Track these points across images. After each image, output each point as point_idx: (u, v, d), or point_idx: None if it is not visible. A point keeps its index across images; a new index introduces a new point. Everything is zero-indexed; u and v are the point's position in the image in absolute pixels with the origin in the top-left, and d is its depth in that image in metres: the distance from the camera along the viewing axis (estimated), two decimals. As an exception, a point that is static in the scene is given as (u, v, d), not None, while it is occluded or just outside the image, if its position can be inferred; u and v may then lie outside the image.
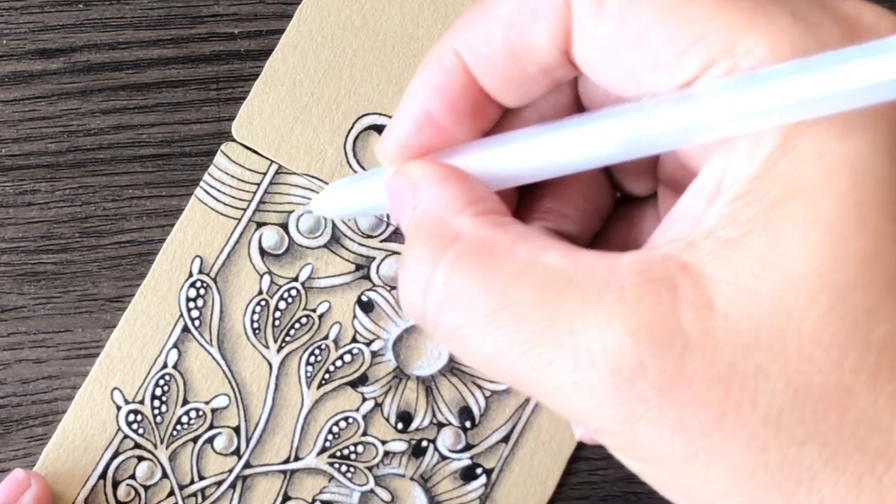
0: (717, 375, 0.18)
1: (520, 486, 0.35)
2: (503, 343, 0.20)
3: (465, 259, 0.21)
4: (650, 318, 0.19)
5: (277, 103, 0.35)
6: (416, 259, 0.22)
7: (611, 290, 0.19)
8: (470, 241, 0.21)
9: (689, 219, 0.20)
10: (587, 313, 0.19)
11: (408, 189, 0.24)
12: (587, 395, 0.19)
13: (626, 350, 0.19)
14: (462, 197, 0.22)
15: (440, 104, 0.24)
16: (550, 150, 0.22)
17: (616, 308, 0.19)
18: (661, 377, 0.19)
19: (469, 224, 0.22)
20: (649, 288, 0.19)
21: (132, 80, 0.36)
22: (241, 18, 0.36)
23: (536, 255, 0.20)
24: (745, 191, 0.19)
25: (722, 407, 0.19)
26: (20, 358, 0.35)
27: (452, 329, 0.21)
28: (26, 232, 0.35)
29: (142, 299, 0.35)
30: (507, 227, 0.21)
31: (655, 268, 0.19)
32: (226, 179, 0.35)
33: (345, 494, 0.35)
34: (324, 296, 0.35)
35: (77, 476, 0.34)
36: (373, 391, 0.35)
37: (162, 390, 0.35)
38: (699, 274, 0.19)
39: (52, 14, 0.36)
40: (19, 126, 0.35)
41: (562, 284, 0.20)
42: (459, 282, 0.21)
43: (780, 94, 0.18)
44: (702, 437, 0.19)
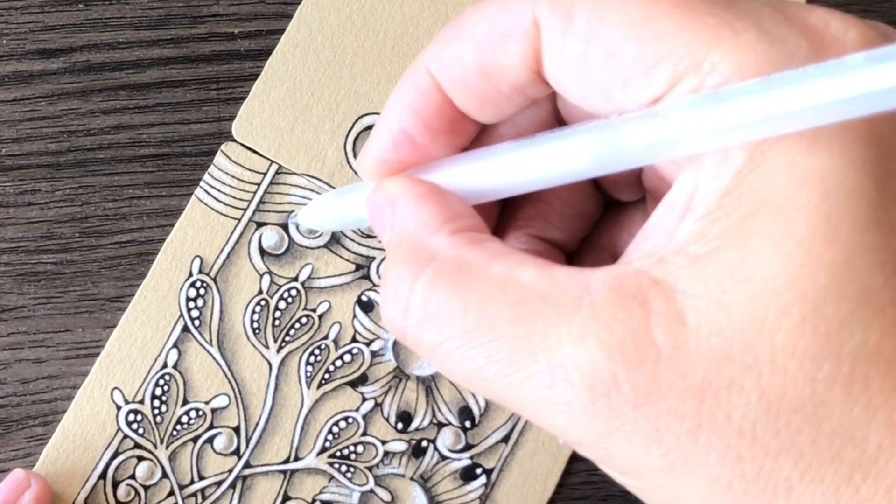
0: (690, 388, 0.19)
1: (520, 486, 0.35)
2: (481, 360, 0.20)
3: (441, 278, 0.21)
4: (623, 333, 0.19)
5: (277, 103, 0.35)
6: (396, 278, 0.22)
7: (583, 306, 0.19)
8: (446, 260, 0.22)
9: (662, 233, 0.20)
10: (561, 329, 0.19)
11: (386, 206, 0.24)
12: (564, 410, 0.20)
13: (599, 365, 0.19)
14: (438, 215, 0.23)
15: (416, 123, 0.24)
16: (522, 165, 0.23)
17: (589, 324, 0.19)
18: (634, 391, 0.19)
19: (445, 243, 0.22)
20: (621, 303, 0.19)
21: (132, 80, 0.36)
22: (241, 18, 0.36)
23: (511, 273, 0.21)
24: (714, 206, 0.19)
25: (696, 419, 0.19)
26: (20, 358, 0.35)
27: (432, 346, 0.21)
28: (26, 232, 0.35)
29: (142, 299, 0.35)
30: (482, 244, 0.22)
31: (627, 283, 0.20)
32: (226, 179, 0.35)
33: (345, 494, 0.35)
34: (324, 296, 0.35)
35: (77, 476, 0.34)
36: (373, 391, 0.35)
37: (162, 390, 0.35)
38: (670, 289, 0.19)
39: (52, 14, 0.36)
40: (19, 126, 0.35)
41: (536, 301, 0.20)
42: (437, 300, 0.21)
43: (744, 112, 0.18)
44: (677, 448, 0.19)
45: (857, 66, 0.17)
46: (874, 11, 0.38)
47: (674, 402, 0.19)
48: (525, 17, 0.22)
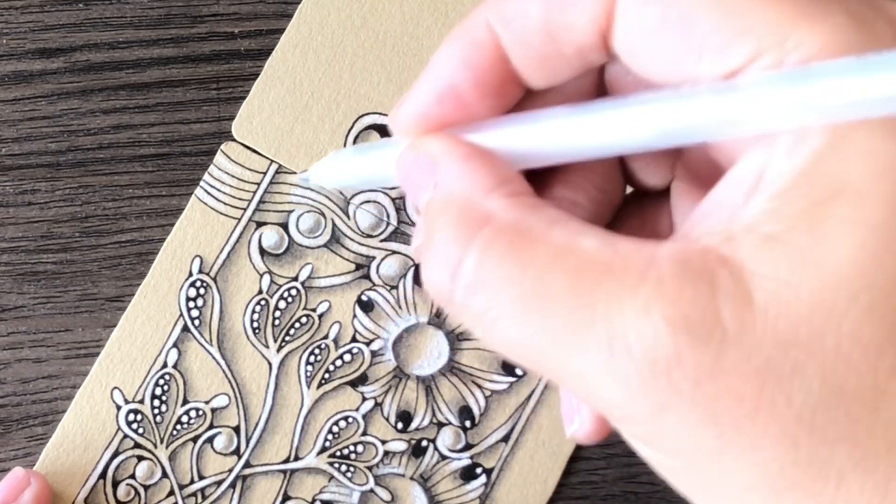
0: (753, 370, 0.18)
1: (520, 486, 0.35)
2: (535, 328, 0.20)
3: (498, 242, 0.20)
4: (689, 310, 0.19)
5: (277, 103, 0.35)
6: (445, 240, 0.21)
7: (649, 280, 0.19)
8: (503, 224, 0.21)
9: (725, 211, 0.20)
10: (625, 301, 0.19)
11: (426, 165, 0.23)
12: (620, 384, 0.19)
13: (663, 340, 0.19)
14: (490, 177, 0.22)
15: (467, 78, 0.23)
16: (582, 131, 0.22)
17: (655, 298, 0.19)
18: (697, 369, 0.19)
19: (501, 206, 0.21)
20: (689, 279, 0.19)
21: (132, 79, 0.36)
22: (241, 18, 0.36)
23: (573, 240, 0.20)
24: (789, 187, 0.19)
25: (756, 402, 0.18)
26: (20, 357, 0.35)
27: (481, 312, 0.21)
28: (26, 231, 0.35)
29: (142, 299, 0.35)
30: (540, 209, 0.21)
31: (695, 259, 0.19)
32: (226, 179, 0.35)
33: (345, 494, 0.35)
34: (324, 295, 0.35)
35: (77, 475, 0.34)
36: (373, 391, 0.35)
37: (162, 390, 0.35)
38: (739, 268, 0.19)
39: (52, 14, 0.36)
40: (19, 125, 0.35)
41: (599, 271, 0.19)
42: (492, 265, 0.20)
43: (831, 92, 0.18)
44: (733, 431, 0.19)
45: None
46: (874, 11, 0.38)
47: (736, 383, 0.18)
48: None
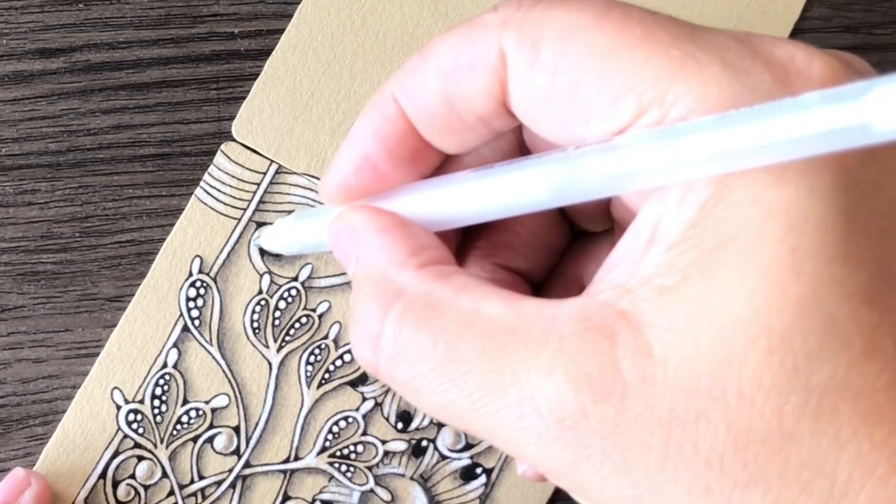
0: (657, 420, 0.19)
1: (520, 486, 0.35)
2: (453, 394, 0.21)
3: (410, 314, 0.22)
4: (590, 366, 0.19)
5: (277, 103, 0.35)
6: (364, 315, 0.22)
7: (551, 340, 0.20)
8: (414, 296, 0.22)
9: (627, 264, 0.20)
10: (529, 363, 0.20)
11: (349, 237, 0.24)
12: (534, 441, 0.20)
13: (567, 398, 0.19)
14: (403, 248, 0.23)
15: (379, 149, 0.24)
16: (481, 194, 0.23)
17: (557, 357, 0.19)
18: (602, 423, 0.19)
19: (411, 278, 0.22)
20: (588, 336, 0.19)
21: (132, 79, 0.36)
22: (241, 18, 0.36)
23: (479, 307, 0.21)
24: (680, 238, 0.19)
25: (663, 451, 0.19)
26: (20, 357, 0.35)
27: (405, 382, 0.22)
28: (26, 231, 0.35)
29: (142, 299, 0.35)
30: (449, 278, 0.22)
31: (594, 315, 0.20)
32: (226, 179, 0.35)
33: (345, 494, 0.35)
34: (324, 295, 0.35)
35: (77, 476, 0.34)
36: (373, 391, 0.35)
37: (162, 390, 0.35)
38: (637, 321, 0.19)
39: (52, 13, 0.36)
40: (19, 126, 0.35)
41: (504, 335, 0.20)
42: (407, 336, 0.21)
43: (700, 147, 0.18)
44: (645, 479, 0.19)
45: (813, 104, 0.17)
46: (874, 11, 0.38)
47: (641, 434, 0.19)
48: (491, 48, 0.21)
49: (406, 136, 0.24)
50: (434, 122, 0.23)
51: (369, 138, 0.24)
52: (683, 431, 0.19)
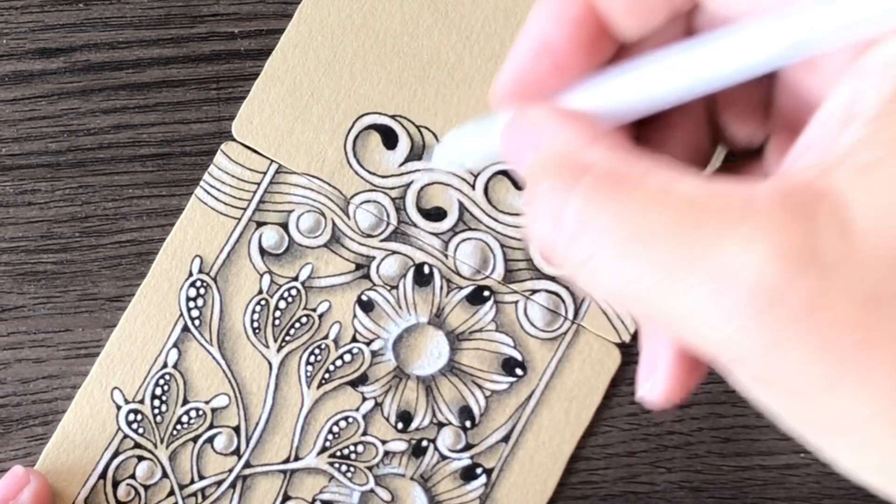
0: (860, 297, 0.18)
1: (520, 486, 0.35)
2: (639, 271, 0.20)
3: (598, 188, 0.21)
4: (791, 242, 0.18)
5: (277, 103, 0.35)
6: (548, 190, 0.21)
7: (749, 216, 0.19)
8: (602, 172, 0.21)
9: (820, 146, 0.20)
10: (725, 238, 0.19)
11: (528, 132, 0.23)
12: (727, 320, 0.19)
13: (767, 273, 0.18)
14: (587, 132, 0.22)
15: (560, 33, 0.24)
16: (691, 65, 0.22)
17: (757, 232, 0.19)
18: (804, 300, 0.18)
19: (600, 155, 0.21)
20: (788, 213, 0.19)
21: (132, 79, 0.36)
22: (241, 18, 0.36)
23: (671, 184, 0.20)
24: (880, 113, 0.19)
25: (867, 329, 0.18)
26: (20, 357, 0.35)
27: (585, 259, 0.21)
28: (26, 231, 0.35)
29: (142, 299, 0.35)
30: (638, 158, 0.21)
31: (793, 194, 0.19)
32: (226, 179, 0.35)
33: (345, 494, 0.35)
34: (324, 295, 0.35)
35: (77, 475, 0.34)
36: (373, 391, 0.35)
37: (162, 390, 0.35)
38: (838, 198, 0.19)
39: (52, 14, 0.36)
40: (19, 125, 0.35)
41: (698, 211, 0.20)
42: (593, 211, 0.21)
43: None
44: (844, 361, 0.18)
45: None
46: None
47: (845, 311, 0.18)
48: None
49: (587, 18, 0.23)
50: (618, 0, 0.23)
51: (549, 22, 0.24)
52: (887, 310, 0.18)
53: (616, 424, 0.35)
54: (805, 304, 0.18)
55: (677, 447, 0.35)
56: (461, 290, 0.35)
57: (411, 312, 0.35)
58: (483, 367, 0.35)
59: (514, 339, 0.35)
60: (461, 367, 0.35)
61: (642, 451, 0.35)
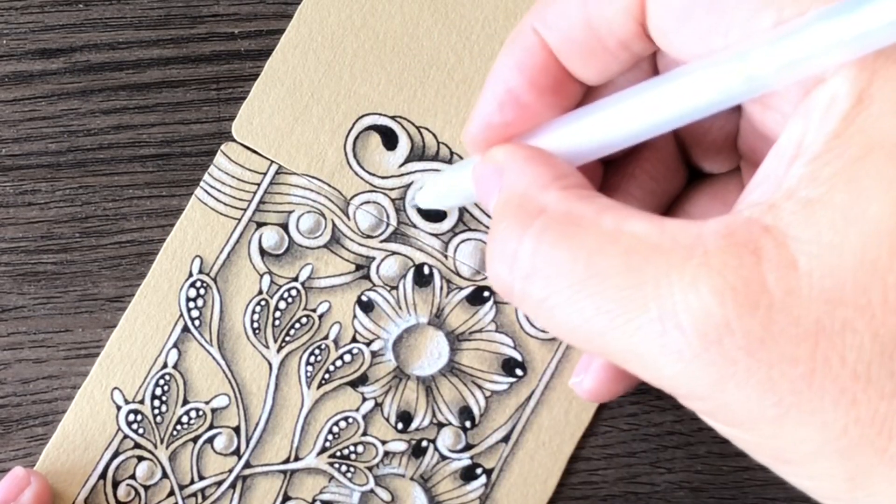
0: (803, 332, 0.18)
1: (520, 486, 0.35)
2: (591, 312, 0.20)
3: (551, 230, 0.21)
4: (735, 280, 0.19)
5: (277, 103, 0.35)
6: (504, 233, 0.22)
7: (696, 255, 0.19)
8: (556, 214, 0.21)
9: (771, 182, 0.20)
10: (673, 277, 0.19)
11: (493, 173, 0.24)
12: (675, 359, 0.19)
13: (712, 311, 0.19)
14: (547, 174, 0.23)
15: (522, 81, 0.24)
16: (642, 110, 0.22)
17: (701, 271, 0.19)
18: (748, 337, 0.19)
19: (554, 198, 0.22)
20: (733, 251, 0.19)
21: (132, 80, 0.36)
22: (241, 18, 0.36)
23: (622, 224, 0.21)
24: (823, 150, 0.19)
25: (810, 363, 0.18)
26: (20, 358, 0.35)
27: (540, 300, 0.21)
28: (26, 232, 0.35)
29: (142, 299, 0.35)
30: (591, 199, 0.22)
31: (739, 231, 0.19)
32: (226, 179, 0.35)
33: (345, 494, 0.35)
34: (324, 296, 0.35)
35: (77, 476, 0.34)
36: (373, 391, 0.35)
37: (162, 390, 0.35)
38: (782, 235, 0.19)
39: (52, 14, 0.36)
40: (19, 126, 0.35)
41: (647, 251, 0.20)
42: (546, 253, 0.21)
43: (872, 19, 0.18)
44: (791, 395, 0.19)
45: None
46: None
47: (787, 347, 0.18)
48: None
49: (548, 66, 0.24)
50: (576, 49, 0.23)
51: (511, 71, 0.24)
52: (830, 343, 0.18)
53: (616, 425, 0.35)
54: (749, 342, 0.19)
55: (677, 447, 0.35)
56: (461, 291, 0.35)
57: (411, 313, 0.35)
58: (483, 367, 0.35)
59: (514, 340, 0.35)
60: (461, 368, 0.35)
61: (642, 452, 0.35)
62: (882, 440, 0.19)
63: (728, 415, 0.20)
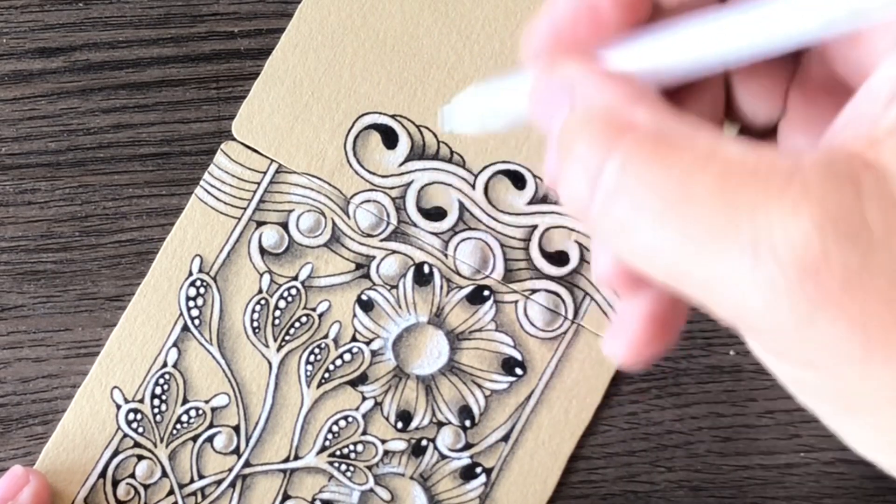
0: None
1: (519, 486, 0.35)
2: (678, 236, 0.19)
3: (642, 147, 0.20)
4: (836, 211, 0.18)
5: (277, 102, 0.35)
6: (586, 148, 0.20)
7: (795, 183, 0.18)
8: (647, 130, 0.20)
9: (865, 120, 0.19)
10: (770, 204, 0.18)
11: (561, 89, 0.22)
12: (766, 289, 0.18)
13: (811, 241, 0.18)
14: (630, 91, 0.21)
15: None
16: (740, 29, 0.21)
17: (801, 200, 0.18)
18: (846, 271, 0.18)
19: (644, 114, 0.21)
20: (834, 182, 0.18)
21: (132, 78, 0.36)
22: (241, 17, 0.36)
23: (717, 146, 0.20)
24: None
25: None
26: (20, 357, 0.35)
27: (622, 221, 0.20)
28: (26, 231, 0.35)
29: (142, 298, 0.35)
30: (682, 119, 0.21)
31: (839, 164, 0.19)
32: (226, 178, 0.35)
33: (344, 493, 0.35)
34: (323, 295, 0.35)
35: (77, 475, 0.34)
36: (372, 390, 0.35)
37: (162, 389, 0.35)
38: (884, 171, 0.18)
39: (52, 13, 0.36)
40: (19, 125, 0.35)
41: (744, 175, 0.19)
42: (636, 170, 0.20)
43: None
44: (881, 337, 0.18)
45: None
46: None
47: (884, 286, 0.18)
48: None
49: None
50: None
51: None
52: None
53: (616, 424, 0.35)
54: (845, 276, 0.18)
55: (677, 447, 0.35)
56: (461, 290, 0.35)
57: (411, 312, 0.35)
58: (483, 366, 0.35)
59: (513, 339, 0.35)
60: (461, 367, 0.35)
61: (642, 451, 0.35)
62: None
63: (808, 353, 0.19)
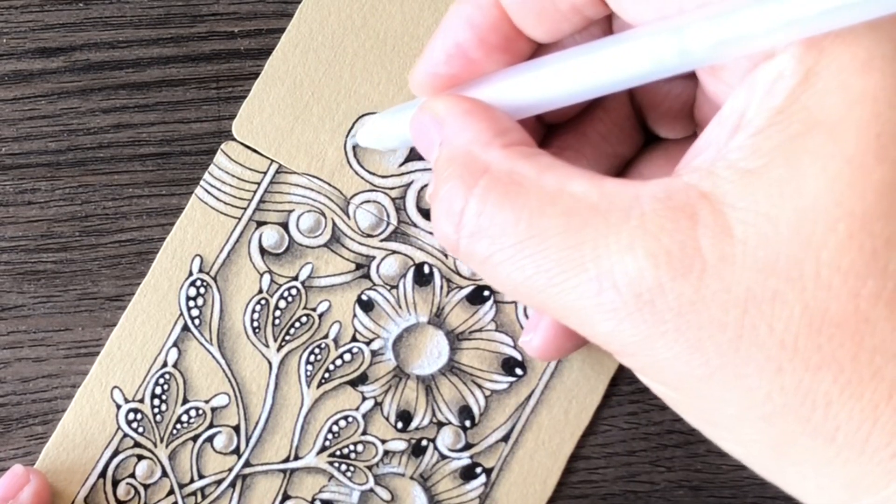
0: (734, 299, 0.19)
1: (519, 486, 0.35)
2: (532, 270, 0.21)
3: (494, 190, 0.22)
4: (670, 244, 0.19)
5: (278, 102, 0.35)
6: (449, 192, 0.22)
7: (633, 217, 0.20)
8: (499, 173, 0.22)
9: (712, 150, 0.20)
10: (610, 239, 0.20)
11: (433, 125, 0.24)
12: (610, 317, 0.20)
13: (646, 273, 0.19)
14: (489, 129, 0.23)
15: (471, 37, 0.24)
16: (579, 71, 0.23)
17: (637, 234, 0.20)
18: (679, 299, 0.19)
19: (497, 156, 0.22)
20: (670, 215, 0.20)
21: (132, 78, 0.36)
22: (241, 17, 0.36)
23: (563, 185, 0.21)
24: (766, 124, 0.19)
25: (738, 329, 0.19)
26: (20, 357, 0.35)
27: (483, 258, 0.22)
28: (26, 231, 0.35)
29: (142, 298, 0.35)
30: (534, 157, 0.22)
31: (677, 195, 0.20)
32: (226, 178, 0.35)
33: (344, 493, 0.35)
34: (324, 295, 0.35)
35: (77, 475, 0.34)
36: (373, 390, 0.35)
37: (162, 389, 0.35)
38: (719, 202, 0.19)
39: (51, 13, 0.36)
40: (19, 125, 0.35)
41: (587, 212, 0.20)
42: (490, 213, 0.21)
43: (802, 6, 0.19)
44: (718, 358, 0.19)
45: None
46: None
47: (717, 312, 0.19)
48: None
49: (499, 24, 0.24)
50: (527, 8, 0.24)
51: (462, 26, 0.24)
52: (759, 311, 0.19)
53: (616, 424, 0.36)
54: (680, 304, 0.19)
55: (677, 446, 0.35)
56: (461, 290, 0.35)
57: (411, 312, 0.35)
58: (483, 366, 0.35)
59: (514, 339, 0.35)
60: (461, 367, 0.35)
61: (642, 451, 0.35)
62: (805, 410, 0.19)
63: (658, 372, 0.21)
